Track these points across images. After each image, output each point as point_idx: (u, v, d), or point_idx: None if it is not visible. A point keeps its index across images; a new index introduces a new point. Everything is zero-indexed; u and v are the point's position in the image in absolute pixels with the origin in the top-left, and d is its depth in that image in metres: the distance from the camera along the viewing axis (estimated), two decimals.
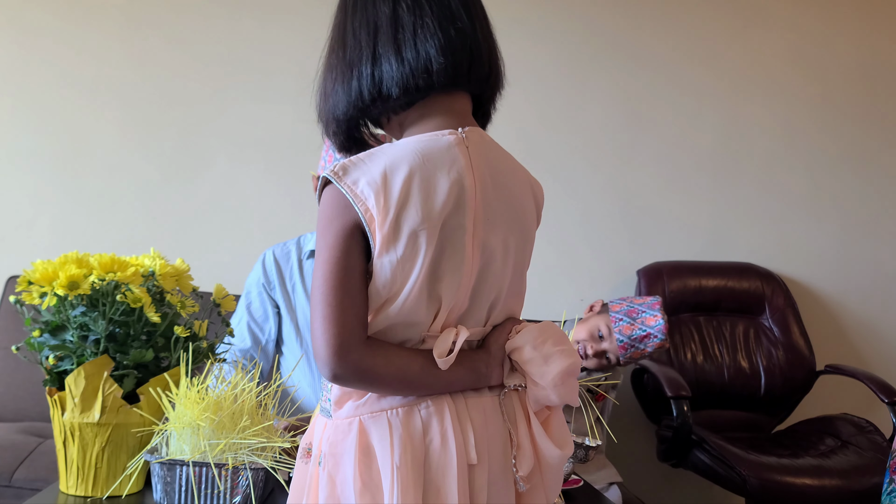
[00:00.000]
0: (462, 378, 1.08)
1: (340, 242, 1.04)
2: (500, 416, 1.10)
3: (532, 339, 1.11)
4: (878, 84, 3.27)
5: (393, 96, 1.09)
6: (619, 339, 2.18)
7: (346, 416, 1.06)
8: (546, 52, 3.11)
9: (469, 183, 1.07)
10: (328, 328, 1.02)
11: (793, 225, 3.23)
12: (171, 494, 1.30)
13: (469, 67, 1.11)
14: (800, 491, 2.45)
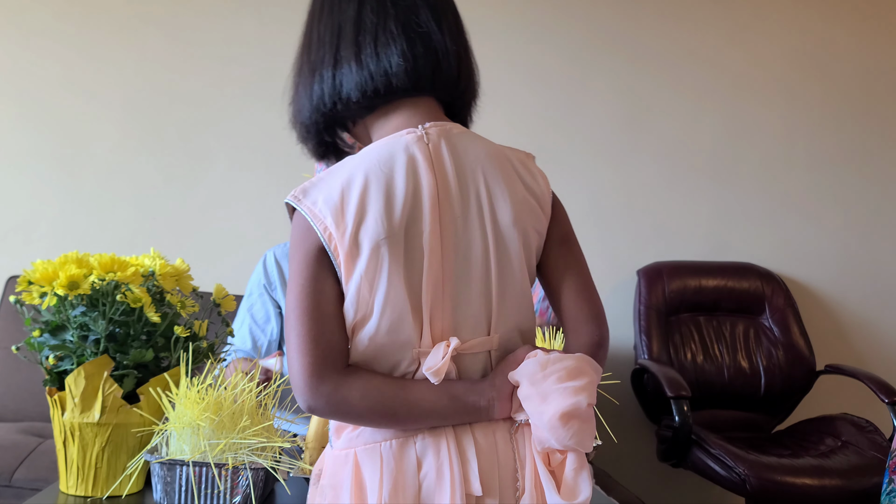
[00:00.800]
0: (448, 407, 1.01)
1: (307, 268, 1.00)
2: (510, 449, 1.03)
3: (531, 373, 1.01)
4: (879, 84, 3.27)
5: (353, 100, 1.06)
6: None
7: (342, 448, 1.03)
8: (546, 52, 3.11)
9: (429, 181, 1.02)
10: (301, 358, 0.98)
11: (793, 225, 3.23)
12: (171, 494, 1.30)
13: (433, 72, 1.08)
14: (800, 491, 2.45)
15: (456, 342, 1.01)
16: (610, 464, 2.71)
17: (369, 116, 1.09)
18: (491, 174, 1.08)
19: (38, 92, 2.97)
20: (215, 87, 3.01)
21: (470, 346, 1.03)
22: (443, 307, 1.02)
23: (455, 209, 1.04)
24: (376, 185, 1.00)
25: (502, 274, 1.06)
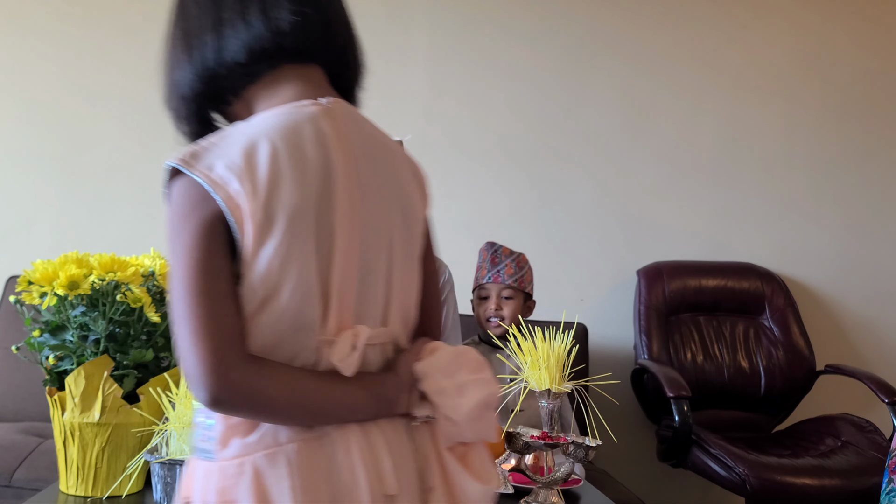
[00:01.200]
0: (367, 402, 0.93)
1: (201, 241, 0.87)
2: (412, 446, 0.96)
3: (444, 365, 0.96)
4: (878, 84, 3.27)
5: (241, 62, 0.97)
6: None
7: (233, 457, 0.89)
8: (546, 52, 3.11)
9: (339, 158, 0.94)
10: (200, 343, 0.85)
11: (793, 225, 3.23)
12: (172, 494, 1.30)
13: (323, 36, 1.02)
14: (800, 491, 2.45)
15: (366, 331, 0.93)
16: (610, 464, 2.71)
17: (252, 87, 1.00)
18: (390, 158, 1.02)
19: (39, 92, 2.97)
20: None
21: (372, 336, 0.95)
22: (350, 292, 0.93)
23: (363, 190, 0.96)
24: (286, 153, 0.91)
25: (404, 262, 1.00)
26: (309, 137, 0.93)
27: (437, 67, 3.08)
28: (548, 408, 1.50)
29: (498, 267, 2.29)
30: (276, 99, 0.98)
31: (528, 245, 3.08)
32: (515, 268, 2.30)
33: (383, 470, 0.92)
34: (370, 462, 0.91)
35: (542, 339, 1.50)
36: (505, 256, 2.31)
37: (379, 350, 0.97)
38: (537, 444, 1.46)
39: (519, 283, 2.29)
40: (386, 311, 0.98)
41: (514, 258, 2.31)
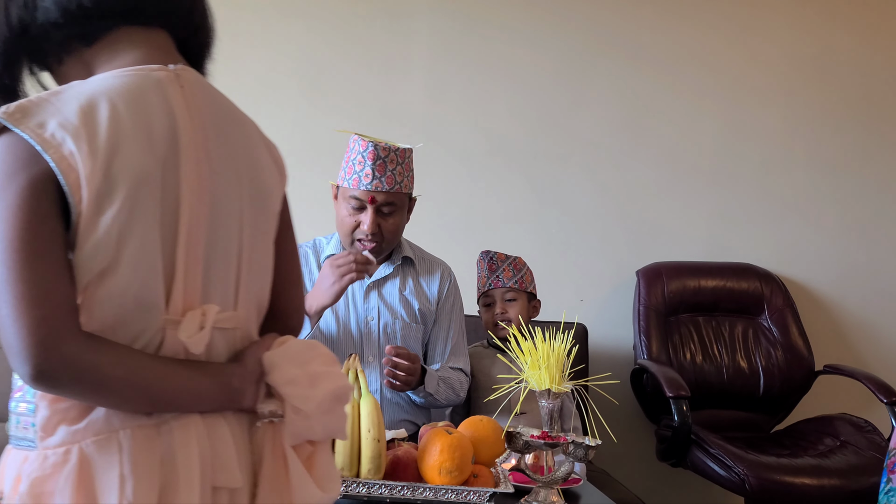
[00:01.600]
0: (210, 390, 0.88)
1: (28, 202, 0.80)
2: (250, 442, 0.91)
3: (296, 355, 0.92)
4: (878, 86, 3.28)
5: (54, 21, 0.90)
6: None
7: (58, 444, 0.82)
8: (546, 53, 3.12)
9: (186, 126, 0.89)
10: (27, 311, 0.78)
11: (792, 226, 3.24)
12: None
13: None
14: (799, 490, 2.46)
15: (215, 310, 0.88)
16: (609, 463, 2.72)
17: (89, 50, 0.93)
18: (243, 131, 0.99)
19: None
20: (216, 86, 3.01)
21: (221, 319, 0.90)
22: (196, 269, 0.88)
23: (212, 163, 0.91)
24: (128, 115, 0.85)
25: (255, 241, 0.95)
26: (155, 103, 0.88)
27: (438, 68, 3.09)
28: (548, 408, 1.51)
29: (497, 272, 2.32)
30: (118, 62, 0.92)
31: (529, 246, 3.09)
32: (513, 270, 2.32)
33: (222, 463, 0.87)
34: (208, 455, 0.86)
35: (542, 339, 1.51)
36: (501, 262, 2.34)
37: (227, 336, 0.92)
38: (537, 444, 1.47)
39: (520, 284, 2.31)
40: (236, 293, 0.93)
41: (510, 262, 2.34)
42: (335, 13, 3.03)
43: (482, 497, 1.35)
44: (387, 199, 1.99)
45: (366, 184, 1.96)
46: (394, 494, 1.34)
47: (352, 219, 2.01)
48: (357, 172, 1.97)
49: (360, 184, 1.97)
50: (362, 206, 1.99)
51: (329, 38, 3.03)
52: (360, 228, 2.00)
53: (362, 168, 1.97)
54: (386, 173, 1.97)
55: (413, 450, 1.44)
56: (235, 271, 0.92)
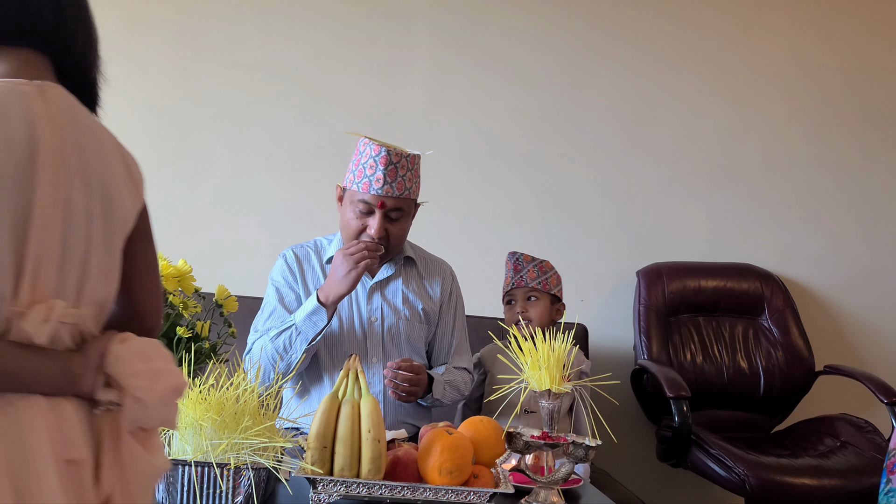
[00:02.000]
0: (50, 372, 0.94)
1: None
2: (89, 425, 0.98)
3: (141, 351, 1.00)
4: (877, 86, 3.28)
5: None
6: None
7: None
8: (546, 54, 3.12)
9: (45, 137, 0.96)
10: None
11: (792, 226, 3.24)
12: (174, 494, 1.30)
13: (18, 13, 1.02)
14: (799, 491, 2.46)
15: (61, 306, 0.95)
16: (610, 464, 2.72)
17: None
18: (100, 147, 1.05)
19: None
20: (218, 89, 3.01)
21: (67, 314, 0.97)
22: (49, 268, 0.96)
23: (69, 174, 0.98)
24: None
25: (100, 246, 1.02)
26: (15, 113, 0.95)
27: (439, 69, 3.09)
28: (548, 408, 1.51)
29: (521, 272, 2.34)
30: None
31: (529, 246, 3.09)
32: (538, 272, 2.34)
33: (69, 439, 0.93)
34: (56, 430, 0.92)
35: (543, 339, 1.51)
36: (527, 262, 2.36)
37: (71, 331, 0.98)
38: (537, 444, 1.47)
39: (543, 285, 2.32)
40: (80, 292, 1.00)
41: (536, 263, 2.36)
42: (335, 14, 3.03)
43: (482, 497, 1.35)
44: (396, 205, 1.99)
45: (376, 188, 1.96)
46: (394, 495, 1.34)
47: (359, 222, 2.01)
48: (368, 176, 1.97)
49: (371, 188, 1.96)
50: (371, 210, 1.99)
51: (329, 38, 3.03)
52: (366, 232, 2.00)
53: (373, 172, 1.96)
54: (396, 179, 1.97)
55: (413, 450, 1.44)
56: (80, 273, 1.00)
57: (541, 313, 2.28)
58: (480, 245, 3.08)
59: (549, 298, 2.32)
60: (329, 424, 1.36)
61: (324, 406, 1.38)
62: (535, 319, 2.26)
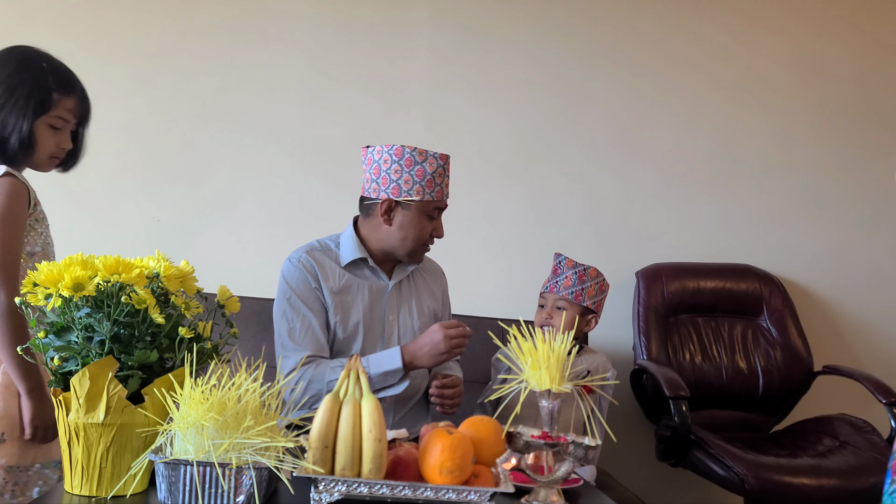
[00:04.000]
0: None
1: None
2: None
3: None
4: (874, 89, 3.28)
5: None
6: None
7: None
8: (546, 56, 3.13)
9: None
10: None
11: (790, 227, 3.24)
12: (176, 494, 1.31)
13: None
14: (798, 490, 2.46)
15: None
16: (609, 463, 2.73)
17: None
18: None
19: None
20: (220, 91, 3.02)
21: None
22: None
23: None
24: None
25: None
26: None
27: (437, 76, 3.09)
28: (548, 408, 1.51)
29: (557, 278, 2.33)
30: None
31: (529, 247, 3.10)
32: (575, 280, 2.32)
33: None
34: None
35: (543, 339, 1.51)
36: (568, 268, 2.33)
37: None
38: (537, 444, 1.47)
39: (575, 296, 2.31)
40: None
41: (577, 271, 2.33)
42: (335, 27, 3.04)
43: (483, 497, 1.35)
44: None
45: (447, 193, 2.09)
46: (395, 494, 1.34)
47: (429, 227, 2.09)
48: (439, 185, 2.05)
49: (444, 195, 2.07)
50: (437, 215, 2.10)
51: (330, 39, 3.04)
52: (430, 236, 2.11)
53: (442, 180, 2.06)
54: (448, 179, 2.10)
55: (414, 450, 1.45)
56: None
57: (566, 324, 2.25)
58: (480, 246, 3.09)
59: (578, 309, 2.31)
60: (330, 424, 1.36)
61: (325, 406, 1.38)
62: (557, 328, 2.21)
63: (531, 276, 3.01)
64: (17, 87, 1.72)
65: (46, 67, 1.76)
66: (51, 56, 1.80)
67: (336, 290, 2.08)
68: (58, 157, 1.82)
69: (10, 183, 1.71)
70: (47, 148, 1.77)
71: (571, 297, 2.29)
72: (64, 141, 1.80)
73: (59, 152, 1.81)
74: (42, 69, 1.75)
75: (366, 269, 2.12)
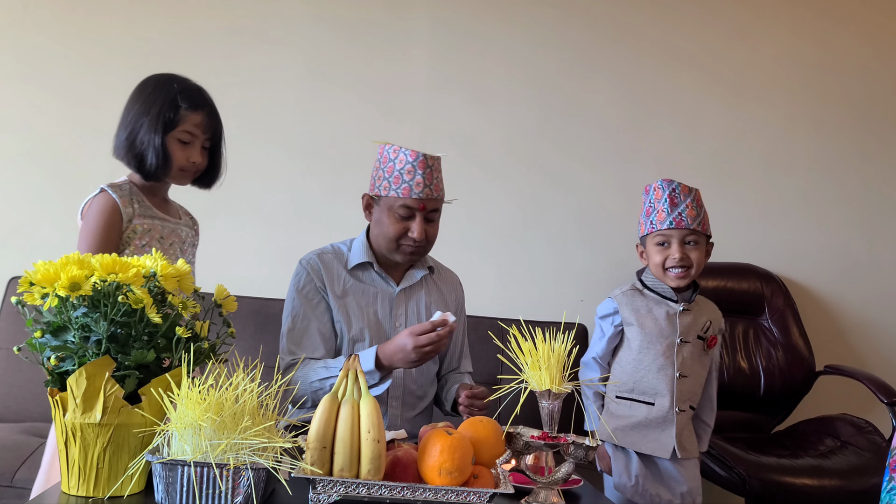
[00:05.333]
0: None
1: None
2: None
3: None
4: (876, 86, 3.27)
5: None
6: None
7: None
8: (547, 53, 3.12)
9: None
10: None
11: (792, 226, 3.23)
12: (173, 495, 1.30)
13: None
14: (799, 491, 2.46)
15: None
16: None
17: None
18: None
19: (40, 96, 2.97)
20: (218, 91, 3.01)
21: None
22: None
23: None
24: None
25: None
26: None
27: (435, 77, 3.09)
28: (548, 408, 1.50)
29: (679, 208, 2.05)
30: None
31: (529, 245, 3.09)
32: (696, 208, 2.06)
33: None
34: None
35: (543, 339, 1.50)
36: (685, 196, 2.07)
37: None
38: (537, 444, 1.46)
39: (702, 225, 2.07)
40: None
41: (692, 196, 2.08)
42: (332, 29, 3.03)
43: (482, 498, 1.35)
44: (434, 206, 2.05)
45: (417, 192, 2.00)
46: (394, 495, 1.33)
47: (399, 226, 2.03)
48: (407, 182, 2.00)
49: (412, 192, 2.00)
50: (412, 213, 2.02)
51: (330, 40, 3.03)
52: (407, 235, 2.03)
53: (412, 177, 2.00)
54: (433, 181, 2.02)
55: (413, 450, 1.44)
56: None
57: (699, 259, 2.03)
58: (480, 245, 3.08)
59: (705, 240, 2.07)
60: (329, 425, 1.36)
61: (323, 406, 1.37)
62: (696, 267, 2.03)
63: (531, 276, 3.01)
64: (151, 106, 1.89)
65: (177, 87, 1.91)
66: (186, 78, 1.95)
67: (340, 293, 2.07)
68: (188, 171, 1.95)
69: (102, 199, 1.88)
70: (178, 161, 1.90)
71: (700, 227, 2.03)
72: (193, 155, 1.93)
73: (189, 166, 1.94)
74: (173, 89, 1.91)
75: (374, 274, 2.12)
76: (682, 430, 2.04)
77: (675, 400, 2.02)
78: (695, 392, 2.09)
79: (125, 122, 1.92)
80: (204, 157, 1.96)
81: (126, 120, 1.92)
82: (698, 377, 2.08)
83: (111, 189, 1.90)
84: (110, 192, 1.89)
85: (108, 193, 1.89)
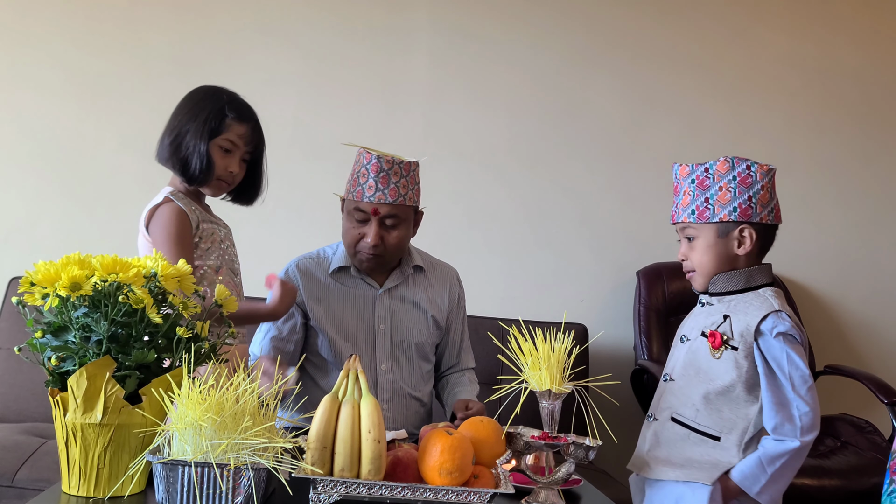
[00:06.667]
0: None
1: None
2: None
3: None
4: (877, 86, 3.28)
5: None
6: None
7: None
8: (547, 53, 3.12)
9: None
10: None
11: (792, 226, 3.23)
12: (174, 495, 1.30)
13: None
14: (799, 491, 2.46)
15: None
16: (609, 464, 2.72)
17: None
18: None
19: (40, 95, 2.98)
20: None
21: None
22: None
23: None
24: None
25: None
26: None
27: (436, 79, 3.09)
28: (548, 408, 1.51)
29: (677, 197, 1.73)
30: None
31: (529, 245, 3.09)
32: (695, 191, 1.69)
33: None
34: None
35: (543, 339, 1.50)
36: (683, 179, 1.70)
37: None
38: (537, 444, 1.47)
39: (698, 213, 1.70)
40: None
41: (693, 177, 1.69)
42: (333, 30, 3.03)
43: (483, 498, 1.35)
44: (390, 212, 1.98)
45: (369, 196, 1.96)
46: (394, 495, 1.34)
47: (356, 231, 2.01)
48: (361, 185, 1.98)
49: (364, 196, 1.97)
50: (366, 218, 1.99)
51: (330, 41, 3.03)
52: (363, 241, 2.00)
53: (366, 180, 1.97)
54: (389, 185, 1.96)
55: (413, 451, 1.44)
56: None
57: (700, 259, 1.65)
58: (480, 245, 3.08)
59: (712, 229, 1.66)
60: (329, 425, 1.36)
61: (324, 406, 1.37)
62: (699, 268, 1.68)
63: (530, 276, 3.01)
64: (199, 113, 1.93)
65: (226, 98, 1.95)
66: (235, 93, 1.97)
67: (320, 297, 2.07)
68: (225, 181, 1.96)
69: (171, 208, 1.91)
70: (216, 169, 1.92)
71: (694, 218, 1.65)
72: (232, 164, 1.94)
73: (226, 176, 1.95)
74: (222, 99, 1.94)
75: (355, 277, 2.11)
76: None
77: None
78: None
79: (171, 128, 1.96)
80: (242, 168, 1.98)
81: (172, 125, 1.96)
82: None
83: (174, 197, 1.94)
84: (175, 200, 1.93)
85: (174, 202, 1.93)
